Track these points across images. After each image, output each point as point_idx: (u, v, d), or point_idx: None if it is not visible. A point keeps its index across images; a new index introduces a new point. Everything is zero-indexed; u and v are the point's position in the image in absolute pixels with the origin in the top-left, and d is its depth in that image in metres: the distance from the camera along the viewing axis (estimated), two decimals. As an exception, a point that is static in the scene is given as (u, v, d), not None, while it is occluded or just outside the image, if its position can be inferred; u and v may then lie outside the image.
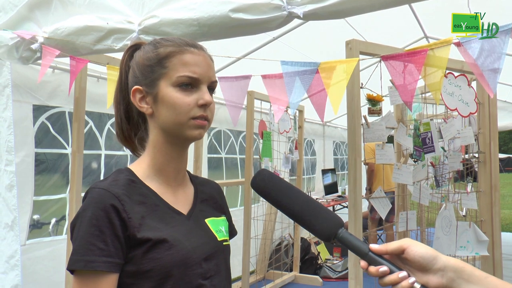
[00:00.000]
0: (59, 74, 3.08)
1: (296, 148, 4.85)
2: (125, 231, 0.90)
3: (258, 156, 4.34)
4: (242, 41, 2.80)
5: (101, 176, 3.49)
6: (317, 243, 5.71)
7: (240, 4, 1.71)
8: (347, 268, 4.78)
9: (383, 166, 2.90)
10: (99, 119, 3.50)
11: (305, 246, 5.42)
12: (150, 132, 1.03)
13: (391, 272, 0.77)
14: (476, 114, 2.53)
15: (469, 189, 2.83)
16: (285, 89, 1.99)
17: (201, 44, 1.04)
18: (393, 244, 0.80)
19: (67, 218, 3.17)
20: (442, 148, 2.87)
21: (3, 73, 2.34)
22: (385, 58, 1.93)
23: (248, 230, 4.00)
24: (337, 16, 1.74)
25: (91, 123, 3.41)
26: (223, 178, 5.15)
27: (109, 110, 3.27)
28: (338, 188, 7.29)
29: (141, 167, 1.02)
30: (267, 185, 0.90)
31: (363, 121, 2.29)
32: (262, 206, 5.01)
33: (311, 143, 7.31)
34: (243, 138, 5.30)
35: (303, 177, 6.58)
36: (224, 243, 1.07)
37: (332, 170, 7.16)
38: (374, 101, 2.48)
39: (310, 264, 5.31)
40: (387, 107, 2.76)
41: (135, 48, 1.06)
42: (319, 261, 5.39)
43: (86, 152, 3.19)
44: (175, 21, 1.82)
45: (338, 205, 6.41)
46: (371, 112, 2.55)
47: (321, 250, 5.63)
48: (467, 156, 3.11)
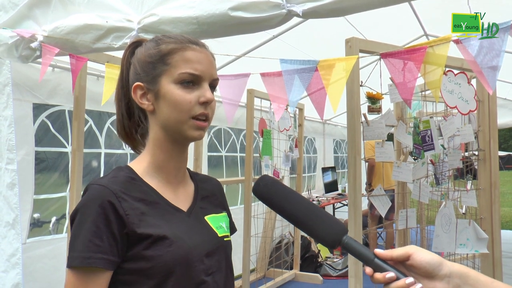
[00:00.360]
0: (59, 72, 3.08)
1: (296, 146, 4.85)
2: (122, 229, 0.90)
3: (258, 154, 4.34)
4: (241, 39, 2.80)
5: (101, 175, 3.50)
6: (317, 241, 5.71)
7: (240, 2, 1.71)
8: (347, 266, 4.79)
9: (382, 163, 2.90)
10: (99, 118, 3.50)
11: (306, 244, 5.43)
12: (151, 129, 1.02)
13: (397, 278, 0.76)
14: (475, 111, 2.53)
15: (468, 186, 2.84)
16: (284, 87, 1.99)
17: (203, 42, 1.03)
18: (398, 250, 0.79)
19: (67, 216, 3.18)
20: (442, 146, 2.88)
21: (3, 71, 2.34)
22: (384, 55, 1.93)
23: (248, 228, 4.00)
24: (336, 14, 1.73)
25: (91, 121, 3.41)
26: (223, 176, 5.15)
27: (108, 108, 3.27)
28: (338, 186, 7.29)
29: (141, 164, 1.02)
30: (270, 192, 0.89)
31: (363, 119, 2.29)
32: (262, 204, 4.98)
33: (312, 141, 7.31)
34: (244, 136, 5.30)
35: (304, 175, 6.59)
36: (225, 239, 1.07)
37: (332, 168, 7.17)
38: (373, 99, 2.48)
39: (310, 262, 5.31)
40: (387, 105, 2.76)
41: (136, 44, 1.06)
42: (319, 259, 5.40)
43: (86, 150, 3.19)
44: (174, 19, 1.82)
45: (338, 203, 6.41)
46: (370, 110, 2.56)
47: (321, 248, 5.63)
48: (466, 154, 3.11)
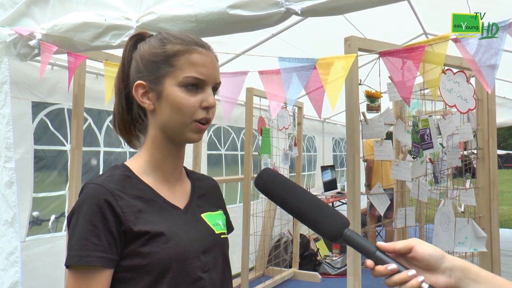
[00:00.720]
0: (58, 71, 3.08)
1: (295, 144, 4.85)
2: (119, 226, 0.90)
3: (257, 153, 4.35)
4: (240, 38, 2.80)
5: (100, 173, 3.49)
6: (316, 240, 5.72)
7: (238, 0, 1.71)
8: (346, 265, 4.80)
9: (381, 162, 2.90)
10: (98, 116, 3.50)
11: (304, 243, 5.43)
12: (150, 128, 1.02)
13: (399, 271, 0.76)
14: (474, 110, 2.53)
15: (467, 185, 2.84)
16: (282, 85, 1.99)
17: (208, 43, 1.02)
18: (400, 243, 0.79)
19: (66, 215, 3.18)
20: (441, 144, 2.88)
21: (1, 69, 2.34)
22: (383, 54, 1.93)
23: (247, 226, 4.00)
24: (335, 13, 1.73)
25: (90, 119, 3.41)
26: (222, 174, 5.15)
27: (108, 107, 3.26)
28: (337, 184, 7.29)
29: (138, 163, 1.02)
30: (272, 184, 0.89)
31: (362, 117, 2.29)
32: (261, 202, 5.01)
33: (312, 140, 7.31)
34: (245, 135, 5.31)
35: (303, 173, 6.59)
36: (221, 236, 1.07)
37: (332, 167, 7.17)
38: (372, 98, 2.48)
39: (309, 260, 5.32)
40: (386, 103, 2.76)
41: (138, 38, 1.04)
42: (318, 258, 5.40)
43: (85, 149, 3.18)
44: (173, 18, 1.82)
45: (337, 201, 6.42)
46: (369, 109, 2.56)
47: (320, 247, 5.64)
48: (465, 152, 3.11)
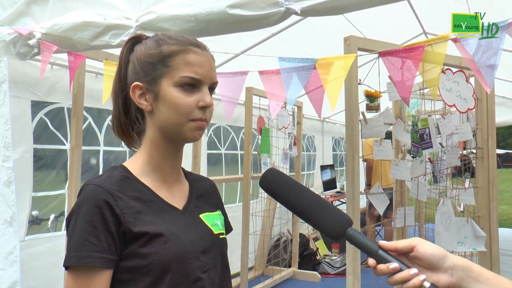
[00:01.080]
0: (58, 70, 3.08)
1: (294, 144, 4.85)
2: (119, 227, 0.90)
3: (256, 152, 4.35)
4: (240, 37, 2.80)
5: (100, 172, 3.50)
6: (315, 239, 5.72)
7: (238, 0, 1.71)
8: (345, 264, 4.80)
9: (381, 162, 2.90)
10: (98, 115, 3.50)
11: (304, 242, 5.44)
12: (148, 129, 1.02)
13: (401, 269, 0.76)
14: (474, 110, 2.53)
15: (467, 184, 2.84)
16: (282, 85, 1.99)
17: (203, 43, 1.03)
18: (402, 242, 0.79)
19: (66, 214, 3.18)
20: (440, 144, 2.88)
21: (0, 68, 2.34)
22: (383, 54, 1.93)
23: (246, 226, 4.00)
24: (335, 12, 1.73)
25: (90, 119, 3.41)
26: (222, 174, 5.15)
27: (108, 106, 3.27)
28: (337, 184, 7.29)
29: (136, 163, 1.02)
30: (277, 184, 0.90)
31: (361, 117, 2.29)
32: (260, 202, 5.01)
33: (311, 139, 7.31)
34: (244, 134, 5.31)
35: (303, 173, 6.59)
36: (220, 236, 1.07)
37: (331, 166, 7.17)
38: (372, 97, 2.48)
39: (308, 260, 5.32)
40: (385, 103, 2.76)
41: (135, 40, 1.05)
42: (318, 257, 5.40)
43: (85, 148, 3.18)
44: (172, 17, 1.82)
45: (337, 201, 6.42)
46: (369, 108, 2.56)
47: (320, 246, 5.64)
48: (465, 152, 3.12)
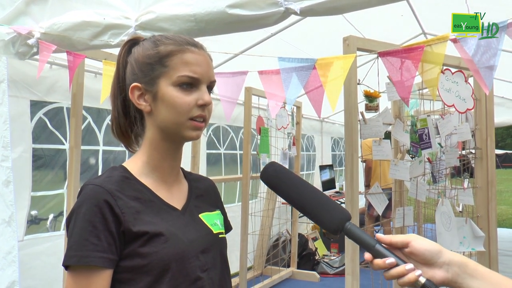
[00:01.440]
0: (57, 69, 3.08)
1: (294, 144, 4.85)
2: (118, 227, 0.91)
3: (256, 152, 4.35)
4: (239, 37, 2.80)
5: (99, 172, 3.50)
6: (314, 239, 5.72)
7: (237, 0, 1.71)
8: (344, 264, 4.81)
9: (380, 162, 2.90)
10: (98, 115, 3.50)
11: (303, 242, 5.44)
12: (147, 130, 1.03)
13: (397, 265, 0.78)
14: (473, 110, 2.54)
15: (465, 185, 2.84)
16: (281, 85, 1.99)
17: (200, 43, 1.04)
18: (398, 237, 0.80)
19: (65, 213, 3.18)
20: (439, 144, 2.88)
21: None
22: (382, 54, 1.94)
23: (245, 226, 4.00)
24: (334, 12, 1.73)
25: (89, 118, 3.41)
26: (221, 174, 5.15)
27: (107, 105, 3.26)
28: (336, 184, 7.30)
29: (136, 164, 1.03)
30: (278, 178, 0.91)
31: (360, 117, 2.29)
32: (260, 202, 5.02)
33: (311, 139, 7.31)
34: (243, 134, 5.31)
35: (302, 173, 6.59)
36: (220, 236, 1.08)
37: (330, 166, 7.18)
38: (371, 97, 2.48)
39: (307, 260, 5.32)
40: (384, 103, 2.77)
41: (133, 42, 1.06)
42: (317, 257, 5.41)
43: (84, 147, 3.18)
44: (172, 17, 1.82)
45: (336, 201, 6.42)
46: (368, 108, 2.56)
47: (319, 246, 5.64)
48: (464, 152, 3.12)
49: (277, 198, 5.08)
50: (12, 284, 2.27)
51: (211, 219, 1.08)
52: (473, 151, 2.78)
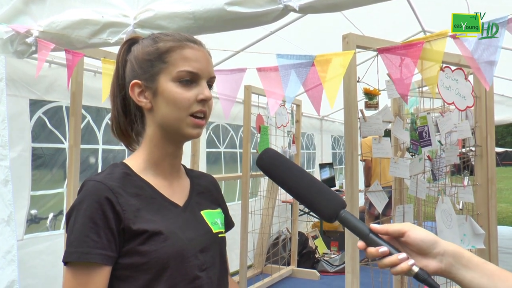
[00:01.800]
0: (56, 68, 3.07)
1: (293, 142, 4.85)
2: (119, 224, 0.90)
3: (255, 151, 4.34)
4: (239, 36, 2.80)
5: (99, 171, 3.49)
6: (314, 237, 5.72)
7: (236, -3, 1.71)
8: (344, 262, 4.80)
9: (379, 161, 2.90)
10: (97, 114, 3.50)
11: (303, 240, 5.44)
12: (148, 127, 1.02)
13: (390, 253, 0.78)
14: (473, 108, 2.53)
15: (465, 182, 2.84)
16: (280, 82, 1.98)
17: (200, 40, 1.04)
18: (394, 226, 0.80)
19: (64, 212, 3.17)
20: (439, 141, 2.88)
21: (-2, 67, 2.33)
22: (381, 50, 1.93)
23: (245, 224, 4.00)
24: (333, 9, 1.73)
25: (88, 117, 3.40)
26: (221, 172, 5.15)
27: (107, 104, 3.26)
28: (336, 182, 7.29)
29: (136, 161, 1.02)
30: (273, 164, 0.90)
31: (360, 115, 2.29)
32: (260, 200, 5.01)
33: (311, 137, 7.31)
34: (243, 133, 5.30)
35: (302, 171, 6.58)
36: (219, 235, 1.07)
37: (330, 164, 7.18)
38: (370, 95, 2.48)
39: (307, 258, 5.32)
40: (384, 101, 2.76)
41: (132, 42, 1.06)
42: (317, 255, 5.41)
43: (83, 146, 3.18)
44: (170, 15, 1.81)
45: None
46: (368, 106, 2.55)
47: (319, 244, 5.64)
48: (464, 149, 3.11)
49: (277, 196, 5.08)
50: (12, 283, 2.27)
51: (212, 217, 1.08)
52: (473, 148, 2.77)
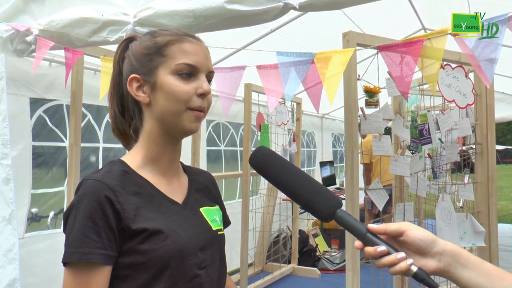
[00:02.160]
0: (56, 67, 3.07)
1: (294, 140, 4.85)
2: (119, 223, 0.89)
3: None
4: (239, 34, 2.79)
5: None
6: (315, 235, 5.73)
7: (236, -5, 1.70)
8: (345, 260, 4.80)
9: (380, 161, 2.89)
10: (97, 112, 3.50)
11: (303, 238, 5.44)
12: (146, 123, 1.01)
13: (388, 253, 0.77)
14: (473, 105, 2.53)
15: (466, 180, 2.84)
16: (280, 80, 1.98)
17: (198, 36, 1.03)
18: (392, 225, 0.80)
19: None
20: (439, 139, 2.88)
21: (-2, 65, 2.33)
22: (382, 48, 1.93)
23: (246, 222, 4.00)
24: (333, 7, 1.72)
25: (89, 115, 3.40)
26: (222, 170, 5.15)
27: (107, 103, 3.26)
28: (336, 180, 7.30)
29: (135, 158, 1.01)
30: (267, 163, 0.88)
31: (360, 113, 2.28)
32: (260, 198, 5.01)
33: (312, 135, 7.31)
34: (243, 131, 5.30)
35: (303, 169, 6.59)
36: (219, 233, 1.07)
37: (330, 163, 7.18)
38: (371, 93, 2.48)
39: (308, 256, 5.33)
40: (384, 98, 2.76)
41: (129, 40, 1.05)
42: (317, 253, 5.41)
43: (84, 145, 3.18)
44: (170, 13, 1.81)
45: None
46: (368, 104, 2.56)
47: (319, 242, 5.65)
48: (464, 147, 3.11)
49: (278, 195, 5.08)
50: (13, 282, 2.27)
51: (210, 214, 1.07)
52: (473, 146, 2.77)
